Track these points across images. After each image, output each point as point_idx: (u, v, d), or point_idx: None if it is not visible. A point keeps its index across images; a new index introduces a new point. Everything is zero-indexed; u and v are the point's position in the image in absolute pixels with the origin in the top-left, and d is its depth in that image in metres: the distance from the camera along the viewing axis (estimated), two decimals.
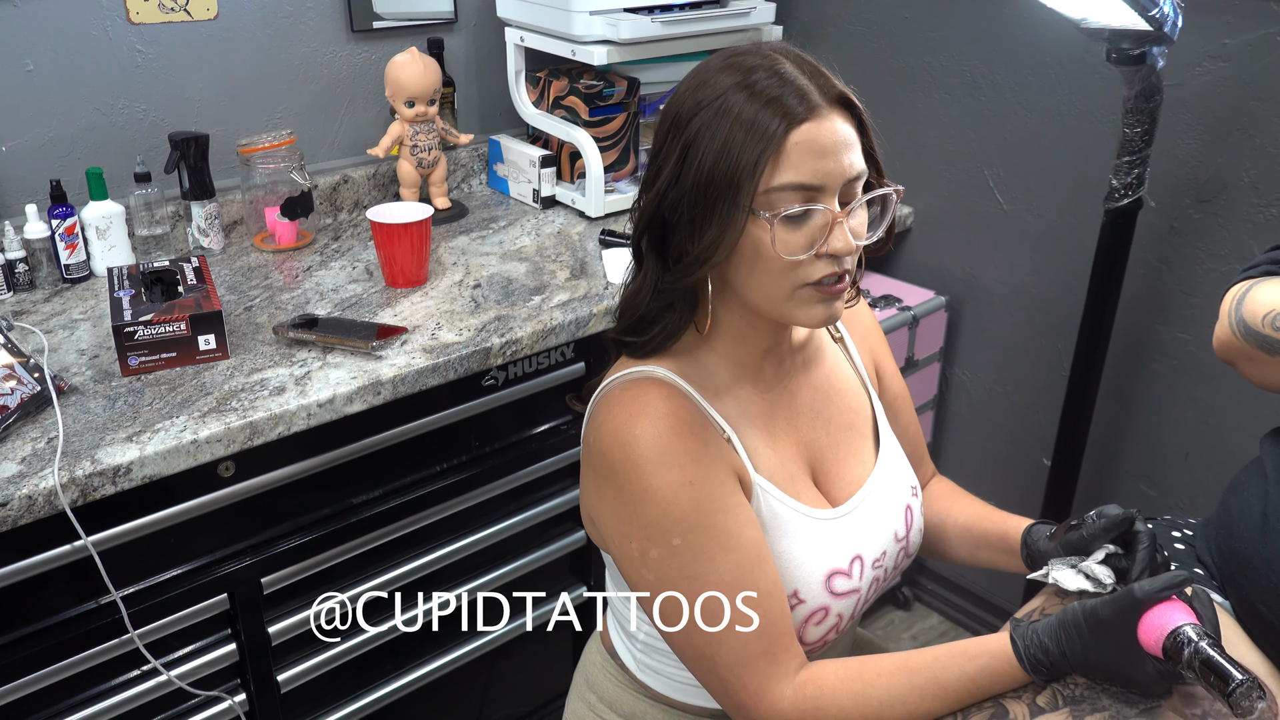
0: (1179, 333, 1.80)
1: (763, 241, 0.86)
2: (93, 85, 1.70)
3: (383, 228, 1.61)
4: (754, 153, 0.84)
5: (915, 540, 1.07)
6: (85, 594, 1.27)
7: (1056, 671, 0.84)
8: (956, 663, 0.86)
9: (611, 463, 0.91)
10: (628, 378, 0.95)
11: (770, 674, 0.88)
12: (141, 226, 1.69)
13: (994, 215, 2.02)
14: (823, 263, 0.88)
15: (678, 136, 0.89)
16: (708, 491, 0.89)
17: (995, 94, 1.94)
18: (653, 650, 1.05)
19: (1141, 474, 1.92)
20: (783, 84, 0.86)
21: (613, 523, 0.93)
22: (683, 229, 0.90)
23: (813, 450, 1.02)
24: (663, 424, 0.90)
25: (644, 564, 0.90)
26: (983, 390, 2.16)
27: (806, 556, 0.95)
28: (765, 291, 0.90)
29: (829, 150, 0.85)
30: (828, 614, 0.96)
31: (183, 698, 1.38)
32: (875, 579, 1.01)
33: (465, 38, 2.10)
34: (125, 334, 1.34)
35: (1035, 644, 0.85)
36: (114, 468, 1.18)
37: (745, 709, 0.89)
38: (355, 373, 1.38)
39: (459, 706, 1.76)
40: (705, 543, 0.89)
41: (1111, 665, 0.81)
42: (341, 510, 1.47)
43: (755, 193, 0.85)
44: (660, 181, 0.90)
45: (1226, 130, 1.65)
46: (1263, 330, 0.96)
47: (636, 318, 0.96)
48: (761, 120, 0.84)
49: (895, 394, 1.15)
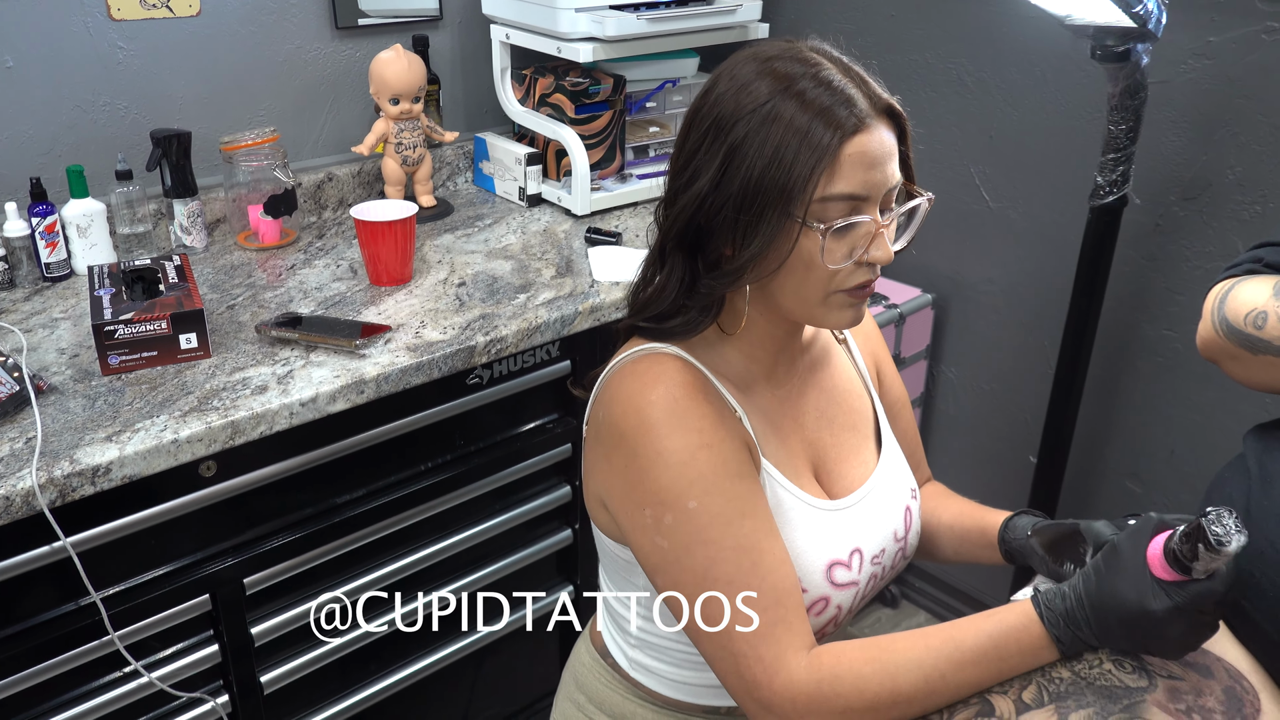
0: (1164, 330, 1.80)
1: (806, 250, 0.87)
2: (73, 82, 1.68)
3: (366, 225, 1.60)
4: (808, 164, 0.84)
5: (913, 543, 1.07)
6: (65, 595, 1.26)
7: (1072, 621, 0.82)
8: (974, 623, 0.85)
9: (624, 430, 0.90)
10: (639, 354, 0.95)
11: (787, 643, 0.86)
12: (123, 225, 1.68)
13: (980, 213, 2.02)
14: (861, 270, 0.90)
15: (719, 139, 0.88)
16: (725, 455, 0.89)
17: (981, 92, 1.94)
18: (647, 646, 1.04)
19: (1128, 471, 1.93)
20: (833, 93, 0.86)
21: (624, 491, 0.92)
22: (722, 234, 0.89)
23: (816, 449, 1.03)
24: (678, 390, 0.90)
25: (658, 531, 0.89)
26: (969, 388, 2.16)
27: (808, 545, 0.95)
28: (799, 296, 0.91)
29: (877, 161, 0.86)
30: (828, 604, 0.96)
31: (165, 699, 1.37)
32: (873, 575, 1.01)
33: (450, 35, 2.09)
34: (105, 333, 1.33)
35: (1054, 592, 0.84)
36: (93, 468, 1.17)
37: (759, 686, 0.86)
38: (338, 371, 1.37)
39: (445, 707, 1.75)
40: (722, 506, 0.88)
41: (1124, 601, 0.80)
42: (325, 510, 1.46)
43: (808, 203, 0.85)
44: (699, 184, 0.89)
45: (1211, 127, 1.65)
46: (1245, 329, 0.96)
47: (657, 313, 0.96)
48: (815, 130, 0.84)
49: (895, 397, 1.15)
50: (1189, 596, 0.78)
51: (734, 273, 0.89)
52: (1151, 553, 0.80)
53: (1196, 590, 0.78)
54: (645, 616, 1.03)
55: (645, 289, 0.98)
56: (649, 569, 0.92)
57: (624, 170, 2.09)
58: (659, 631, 1.02)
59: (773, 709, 0.86)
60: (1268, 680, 0.86)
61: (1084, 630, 0.82)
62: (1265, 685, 0.85)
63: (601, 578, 1.10)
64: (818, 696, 0.85)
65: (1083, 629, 0.82)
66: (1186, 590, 0.78)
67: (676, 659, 1.03)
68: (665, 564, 0.90)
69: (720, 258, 0.91)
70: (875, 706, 0.84)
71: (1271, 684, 0.86)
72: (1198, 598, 0.78)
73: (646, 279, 0.99)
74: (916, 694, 0.84)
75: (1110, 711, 0.80)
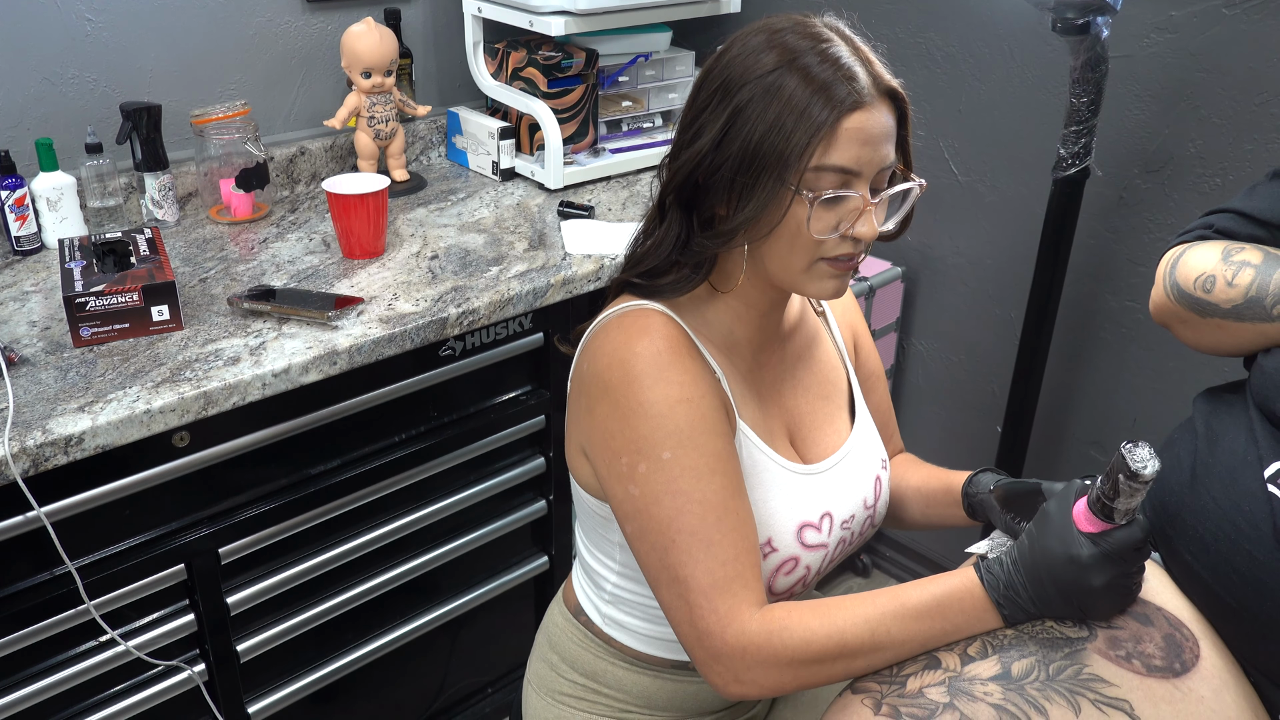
0: (1127, 301, 1.83)
1: (796, 217, 0.90)
2: (40, 54, 1.67)
3: (339, 199, 1.60)
4: (806, 133, 0.87)
5: (881, 511, 1.11)
6: (40, 565, 1.26)
7: (1010, 585, 0.85)
8: (921, 584, 0.89)
9: (609, 381, 0.93)
10: (627, 309, 0.98)
11: (742, 598, 0.89)
12: (94, 198, 1.68)
13: (949, 186, 2.04)
14: (846, 243, 0.93)
15: (725, 101, 0.91)
16: (703, 411, 0.92)
17: (950, 66, 1.96)
18: (620, 601, 1.07)
19: (1091, 439, 1.96)
20: (838, 69, 0.88)
21: (604, 440, 0.94)
22: (718, 193, 0.93)
23: (792, 415, 1.06)
24: (662, 344, 0.93)
25: (632, 479, 0.92)
26: (938, 360, 2.19)
27: (780, 506, 0.98)
28: (785, 262, 0.94)
29: (873, 139, 0.89)
30: (798, 564, 0.99)
31: (142, 668, 1.38)
32: (842, 540, 1.04)
33: (423, 8, 2.09)
34: (77, 305, 1.33)
35: (994, 561, 0.88)
36: (65, 437, 1.18)
37: (711, 635, 0.89)
38: (311, 343, 1.38)
39: (421, 676, 1.77)
40: (695, 460, 0.91)
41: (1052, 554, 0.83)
42: (299, 481, 1.48)
43: (803, 171, 0.88)
44: (701, 143, 0.92)
45: (1173, 101, 1.68)
46: (1194, 293, 0.99)
47: (652, 267, 0.98)
48: (816, 103, 0.87)
49: (870, 370, 1.19)
50: (1112, 543, 0.82)
51: (727, 234, 0.92)
52: (1077, 511, 0.85)
53: (1118, 537, 0.83)
54: (621, 574, 1.05)
55: (645, 241, 1.01)
56: (620, 516, 0.95)
57: (597, 144, 2.10)
58: (635, 588, 1.05)
59: (722, 658, 0.89)
60: (1208, 628, 0.90)
61: (1021, 595, 0.86)
62: (1205, 633, 0.89)
63: (578, 535, 1.13)
64: (766, 648, 0.88)
65: (1019, 592, 0.86)
66: (1109, 538, 0.83)
67: (650, 614, 1.05)
68: (635, 511, 0.93)
69: (714, 216, 0.94)
70: (822, 658, 0.87)
71: (1211, 631, 0.90)
72: (1120, 544, 0.83)
73: (646, 232, 1.01)
74: (862, 647, 0.87)
75: (1052, 659, 0.83)
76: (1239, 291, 0.95)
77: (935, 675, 0.85)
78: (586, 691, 1.12)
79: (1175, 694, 0.82)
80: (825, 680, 0.89)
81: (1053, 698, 0.81)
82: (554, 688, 1.15)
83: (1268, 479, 0.87)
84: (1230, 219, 1.04)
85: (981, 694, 0.82)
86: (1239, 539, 0.88)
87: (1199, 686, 0.83)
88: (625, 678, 1.10)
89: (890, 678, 0.87)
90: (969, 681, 0.84)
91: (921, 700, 0.84)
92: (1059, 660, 0.83)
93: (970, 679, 0.84)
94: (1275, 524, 0.85)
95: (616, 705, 1.12)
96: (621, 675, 1.10)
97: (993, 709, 0.81)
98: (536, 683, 1.18)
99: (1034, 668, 0.83)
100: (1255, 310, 0.94)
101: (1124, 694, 0.81)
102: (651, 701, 1.11)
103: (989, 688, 0.82)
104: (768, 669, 0.88)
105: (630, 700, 1.11)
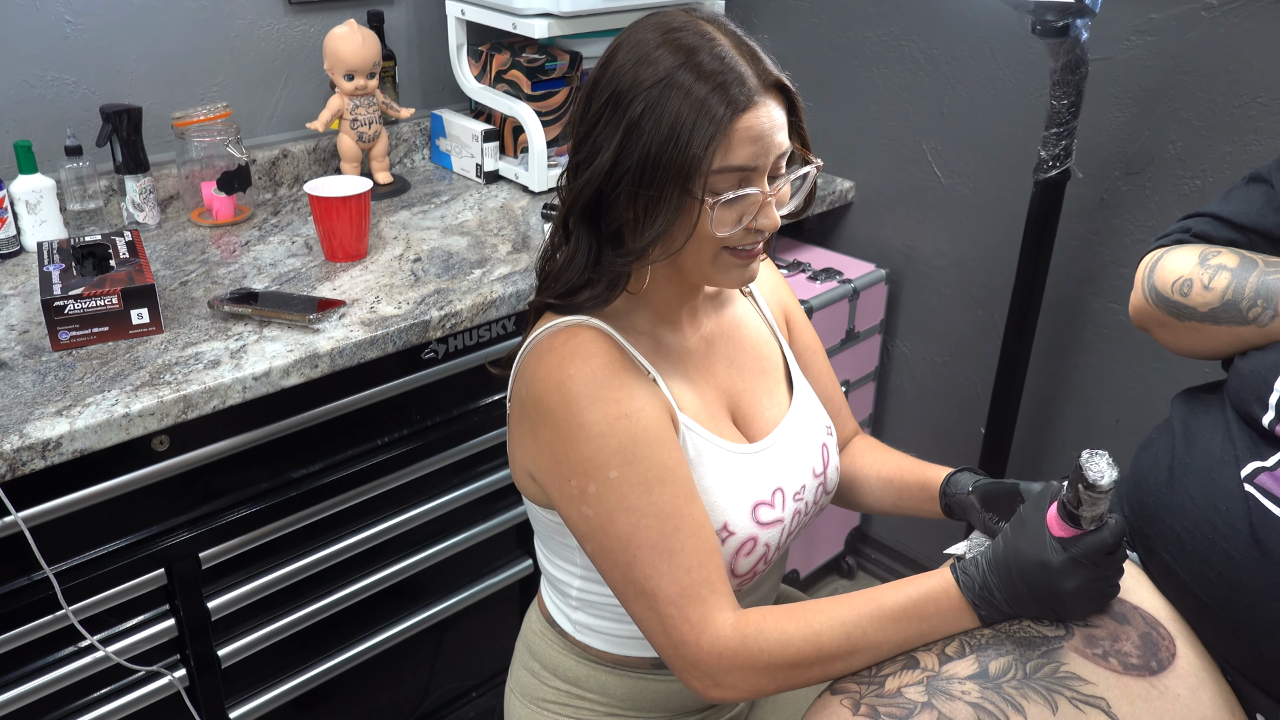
0: (1109, 303, 1.84)
1: (703, 222, 0.91)
2: (19, 55, 1.66)
3: (321, 201, 1.60)
4: (702, 142, 0.87)
5: (833, 477, 1.12)
6: (17, 570, 1.25)
7: (985, 585, 0.86)
8: (897, 586, 0.89)
9: (548, 405, 0.93)
10: (557, 327, 0.97)
11: (712, 602, 0.89)
12: (74, 201, 1.67)
13: (932, 189, 2.05)
14: (749, 235, 0.94)
15: (618, 114, 0.90)
16: (644, 424, 0.92)
17: (933, 68, 1.97)
18: (588, 605, 1.07)
19: (1074, 441, 1.97)
20: (725, 69, 0.88)
21: (551, 465, 0.94)
22: (621, 207, 0.93)
23: (730, 394, 1.07)
24: (595, 361, 0.93)
25: (583, 500, 0.92)
26: (922, 362, 2.19)
27: (730, 489, 0.99)
28: (693, 259, 0.96)
29: (765, 135, 0.90)
30: (756, 543, 0.99)
31: (122, 673, 1.37)
32: (797, 511, 1.05)
33: (406, 10, 2.08)
34: (55, 308, 1.33)
35: (970, 562, 0.88)
36: (43, 442, 1.17)
37: (686, 644, 0.89)
38: (292, 346, 1.38)
39: (405, 681, 1.77)
40: (642, 474, 0.91)
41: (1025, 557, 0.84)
42: (282, 484, 1.47)
43: (705, 178, 0.89)
44: (601, 160, 0.92)
45: (1153, 103, 1.69)
46: (1172, 296, 1.00)
47: (569, 285, 0.97)
48: (706, 111, 0.87)
49: (806, 344, 1.20)
50: (1083, 548, 0.83)
51: (639, 251, 0.93)
52: (1050, 515, 0.86)
53: (1089, 542, 0.83)
54: (584, 578, 1.05)
55: (554, 259, 1.00)
56: (579, 536, 0.95)
57: None
58: (600, 589, 1.05)
59: (699, 665, 0.89)
60: (1185, 627, 0.90)
61: (996, 596, 0.86)
62: (1182, 632, 0.89)
63: (538, 547, 1.13)
64: (743, 652, 0.88)
65: (994, 594, 0.86)
66: (1080, 543, 0.83)
67: (618, 614, 1.05)
68: (592, 532, 0.93)
69: (621, 231, 0.95)
70: (799, 663, 0.87)
71: (1188, 630, 0.90)
72: (1090, 549, 0.83)
73: (553, 250, 1.01)
74: (839, 650, 0.87)
75: (1029, 658, 0.83)
76: (1215, 295, 0.95)
77: (913, 675, 0.85)
78: (570, 697, 1.12)
79: (1152, 692, 0.82)
80: (804, 683, 0.89)
81: (1030, 696, 0.81)
82: (537, 695, 1.15)
83: (1244, 478, 0.88)
84: (1207, 223, 1.05)
85: (959, 693, 0.82)
86: (1216, 538, 0.88)
87: (1175, 685, 0.84)
88: (607, 681, 1.10)
89: (869, 678, 0.88)
90: (947, 681, 0.84)
91: (900, 700, 0.84)
92: (1036, 659, 0.83)
93: (948, 678, 0.84)
94: (1252, 523, 0.86)
95: (601, 709, 1.11)
96: (603, 679, 1.10)
97: (970, 708, 0.81)
98: (519, 691, 1.17)
99: (1011, 666, 0.83)
100: (1231, 314, 0.94)
101: (1101, 692, 0.81)
102: (636, 703, 1.10)
103: (966, 686, 0.83)
104: (745, 673, 0.88)
105: (614, 703, 1.11)
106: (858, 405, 2.23)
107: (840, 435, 1.22)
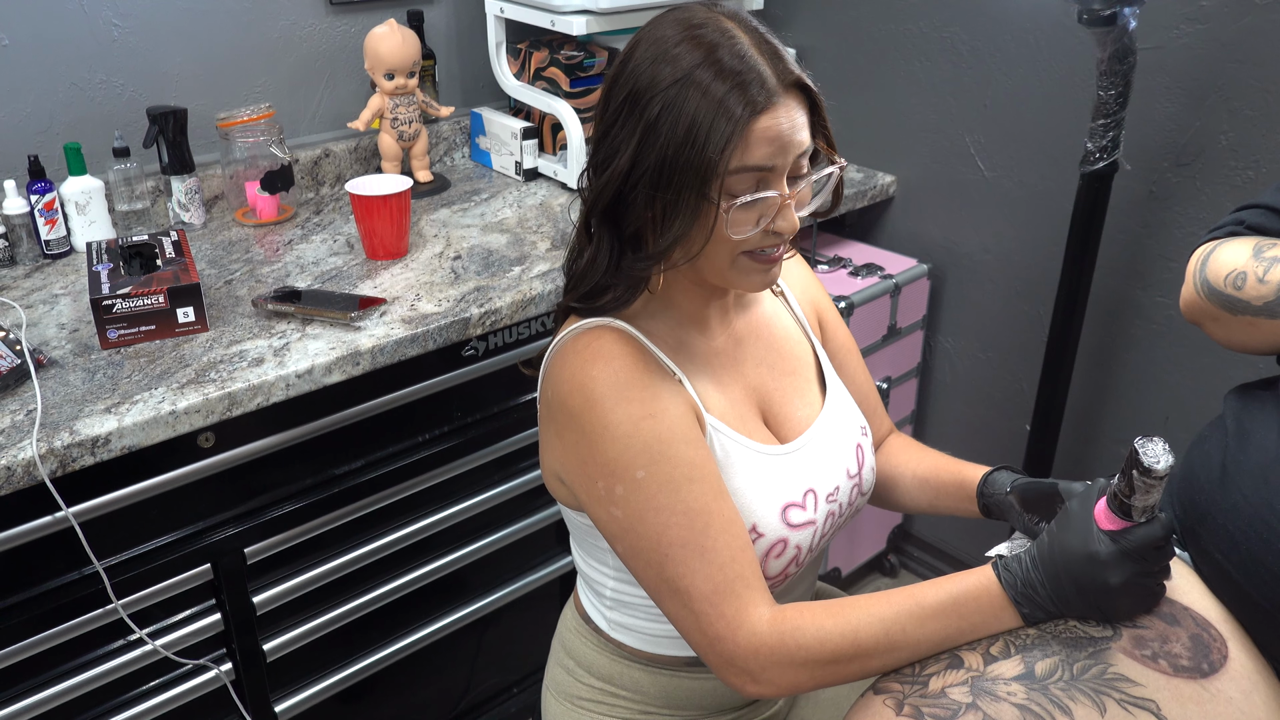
0: (1158, 297, 1.80)
1: (721, 224, 0.90)
2: (69, 60, 1.70)
3: (362, 200, 1.61)
4: (718, 145, 0.86)
5: (868, 478, 1.10)
6: (68, 565, 1.28)
7: (1028, 582, 0.84)
8: (937, 583, 0.88)
9: (572, 408, 0.93)
10: (580, 330, 0.97)
11: (747, 598, 0.89)
12: (121, 202, 1.70)
13: (975, 182, 2.02)
14: (768, 238, 0.93)
15: (635, 113, 0.90)
16: (669, 423, 0.92)
17: (975, 60, 1.94)
18: (622, 605, 1.07)
19: (1121, 438, 1.93)
20: (745, 68, 0.87)
21: (578, 467, 0.94)
22: (640, 209, 0.92)
23: (760, 394, 1.05)
24: (618, 363, 0.92)
25: (611, 501, 0.92)
26: (965, 358, 2.17)
27: (761, 490, 0.98)
28: (711, 262, 0.95)
29: (784, 135, 0.89)
30: (786, 545, 0.98)
31: (169, 667, 1.40)
32: (830, 513, 1.03)
33: (445, 10, 2.10)
34: (103, 307, 1.35)
35: (1013, 559, 0.87)
36: (92, 439, 1.19)
37: (722, 640, 0.88)
38: (334, 344, 1.39)
39: (447, 676, 1.78)
40: (670, 472, 0.90)
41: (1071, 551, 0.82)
42: (325, 481, 1.48)
43: (722, 180, 0.88)
44: (619, 163, 0.91)
45: (1204, 93, 1.65)
46: (1225, 290, 0.97)
47: (591, 287, 0.97)
48: (724, 111, 0.86)
49: (840, 344, 1.18)
50: (1131, 540, 0.81)
51: (658, 255, 0.92)
52: (1098, 509, 0.84)
53: (1138, 534, 0.81)
54: (618, 578, 1.05)
55: (579, 260, 1.00)
56: (609, 537, 0.95)
57: None
58: (634, 590, 1.04)
59: (736, 662, 0.88)
60: (1237, 628, 0.88)
61: (1039, 593, 0.84)
62: (1234, 633, 0.87)
63: (573, 546, 1.13)
64: (780, 649, 0.87)
65: (1038, 591, 0.84)
66: (1129, 535, 0.81)
67: (653, 614, 1.05)
68: (622, 532, 0.92)
69: (641, 233, 0.94)
70: (837, 658, 0.86)
71: (1240, 632, 0.88)
72: (1139, 542, 0.81)
73: (578, 252, 1.00)
74: (878, 647, 0.86)
75: (1076, 659, 0.81)
76: (1271, 288, 0.93)
77: (958, 675, 0.84)
78: (605, 695, 1.12)
79: (1203, 695, 0.80)
80: (843, 679, 0.88)
81: (1077, 698, 0.79)
82: (572, 693, 1.15)
83: None
84: (1262, 214, 1.02)
85: (1005, 694, 0.81)
86: (1271, 538, 0.86)
87: (1227, 687, 0.82)
88: (642, 679, 1.09)
89: (912, 678, 0.86)
90: (992, 681, 0.82)
91: (944, 700, 0.83)
92: (1083, 660, 0.81)
93: (993, 679, 0.82)
94: None
95: (635, 707, 1.11)
96: (638, 677, 1.10)
97: (1016, 709, 0.80)
98: (555, 689, 1.18)
99: (1058, 667, 0.82)
100: None
101: (1150, 694, 0.79)
102: (670, 700, 1.10)
103: (1012, 688, 0.81)
104: (782, 668, 0.87)
105: (649, 701, 1.10)
106: (900, 402, 2.21)
107: (875, 435, 1.20)
